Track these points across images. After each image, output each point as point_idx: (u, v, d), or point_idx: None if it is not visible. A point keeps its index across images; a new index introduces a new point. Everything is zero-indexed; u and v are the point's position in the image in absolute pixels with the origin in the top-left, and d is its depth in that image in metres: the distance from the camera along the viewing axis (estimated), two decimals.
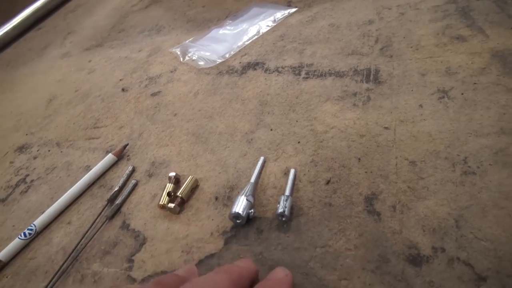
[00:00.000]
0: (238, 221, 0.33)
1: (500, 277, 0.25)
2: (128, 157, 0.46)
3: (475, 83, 0.37)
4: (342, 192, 0.33)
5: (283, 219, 0.32)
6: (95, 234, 0.38)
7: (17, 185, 0.50)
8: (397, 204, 0.31)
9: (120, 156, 0.46)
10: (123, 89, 0.60)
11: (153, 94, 0.56)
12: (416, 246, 0.28)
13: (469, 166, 0.31)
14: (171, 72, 0.59)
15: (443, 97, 0.37)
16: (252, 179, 0.36)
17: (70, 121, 0.58)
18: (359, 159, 0.35)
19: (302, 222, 0.32)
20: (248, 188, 0.34)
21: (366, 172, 0.34)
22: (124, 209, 0.40)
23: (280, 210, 0.32)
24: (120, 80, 0.63)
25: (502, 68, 0.38)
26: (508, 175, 0.29)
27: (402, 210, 0.30)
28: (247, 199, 0.33)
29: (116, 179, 0.44)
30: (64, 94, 0.67)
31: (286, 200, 0.32)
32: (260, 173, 0.37)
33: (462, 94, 0.37)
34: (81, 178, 0.44)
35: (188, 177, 0.38)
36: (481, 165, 0.31)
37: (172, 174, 0.39)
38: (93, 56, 0.76)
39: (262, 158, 0.38)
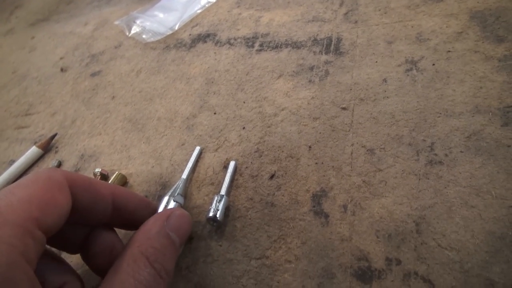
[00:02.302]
0: None
1: None
2: (57, 148, 0.40)
3: (449, 51, 0.31)
4: (287, 188, 0.28)
5: (215, 224, 0.27)
6: None
7: None
8: (348, 203, 0.25)
9: (47, 148, 0.40)
10: (62, 69, 0.53)
11: (93, 74, 0.49)
12: (367, 257, 0.23)
13: (435, 154, 0.25)
14: (115, 48, 0.52)
15: (411, 69, 0.31)
16: (184, 175, 0.30)
17: (2, 107, 0.51)
18: (310, 147, 0.29)
19: (238, 227, 0.27)
20: (177, 186, 0.29)
21: (316, 163, 0.28)
22: None
23: (211, 213, 0.26)
24: (61, 58, 0.56)
25: (481, 32, 0.31)
26: (481, 164, 0.24)
27: (354, 210, 0.25)
28: (174, 200, 0.27)
29: None
30: (0, 76, 0.59)
31: (220, 201, 0.27)
32: (195, 166, 0.32)
33: (433, 64, 0.31)
34: (0, 175, 0.38)
35: (115, 173, 0.33)
36: (450, 152, 0.25)
37: (98, 170, 0.33)
38: (36, 32, 0.68)
39: (197, 149, 0.32)
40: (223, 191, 0.28)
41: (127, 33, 0.53)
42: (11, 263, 0.15)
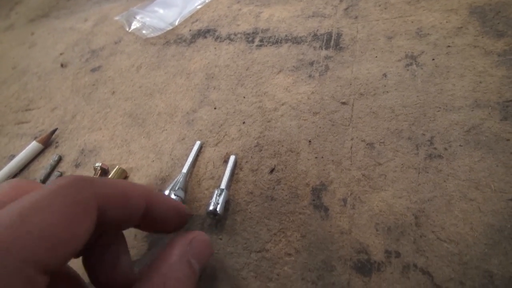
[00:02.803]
0: None
1: None
2: (57, 143, 0.40)
3: (449, 46, 0.31)
4: (287, 182, 0.28)
5: (216, 217, 0.27)
6: None
7: None
8: (348, 196, 0.25)
9: (48, 143, 0.40)
10: (62, 65, 0.53)
11: (93, 70, 0.49)
12: (367, 250, 0.23)
13: (435, 148, 0.26)
14: (115, 43, 0.52)
15: (411, 64, 0.31)
16: (185, 169, 0.30)
17: (2, 103, 0.51)
18: (310, 141, 0.29)
19: (238, 221, 0.27)
20: (178, 180, 0.29)
21: (316, 157, 0.28)
22: None
23: (211, 207, 0.26)
24: (61, 54, 0.56)
25: (480, 27, 0.31)
26: (480, 158, 0.24)
27: (353, 204, 0.25)
28: (175, 194, 0.28)
29: (41, 170, 0.38)
30: (0, 72, 0.59)
31: (220, 195, 0.27)
32: (195, 161, 0.32)
33: (433, 59, 0.31)
34: (0, 169, 0.38)
35: (115, 167, 0.33)
36: (449, 146, 0.25)
37: (98, 164, 0.33)
38: (36, 28, 0.68)
39: (198, 143, 0.32)
40: (223, 185, 0.28)
41: (127, 29, 0.53)
42: None
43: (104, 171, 0.34)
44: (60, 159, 0.38)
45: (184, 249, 0.20)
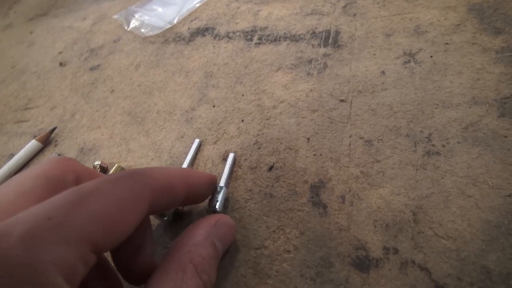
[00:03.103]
0: (164, 218, 0.28)
1: (462, 286, 0.20)
2: (56, 142, 0.40)
3: (447, 43, 0.31)
4: (285, 180, 0.28)
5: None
6: None
7: None
8: (346, 193, 0.25)
9: (47, 141, 0.40)
10: (60, 64, 0.53)
11: (92, 68, 0.49)
12: (365, 247, 0.23)
13: (433, 145, 0.26)
14: (114, 42, 0.52)
15: (409, 61, 0.31)
16: (184, 166, 0.30)
17: (1, 102, 0.51)
18: (308, 139, 0.30)
19: (237, 218, 0.27)
20: None
21: (315, 154, 0.28)
22: None
23: (211, 204, 0.26)
24: (60, 53, 0.56)
25: (478, 24, 0.31)
26: (478, 155, 0.24)
27: (352, 201, 0.25)
28: None
29: None
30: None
31: (219, 193, 0.27)
32: (194, 159, 0.32)
33: (431, 57, 0.31)
34: (0, 168, 0.38)
35: (114, 166, 0.33)
36: (447, 143, 0.25)
37: (97, 163, 0.34)
38: (35, 27, 0.68)
39: (197, 141, 0.32)
40: (222, 183, 0.28)
41: (126, 27, 0.53)
42: None
43: (104, 170, 0.34)
44: None
45: (209, 231, 0.21)
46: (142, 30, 0.50)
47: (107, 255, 0.21)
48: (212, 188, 0.25)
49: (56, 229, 0.14)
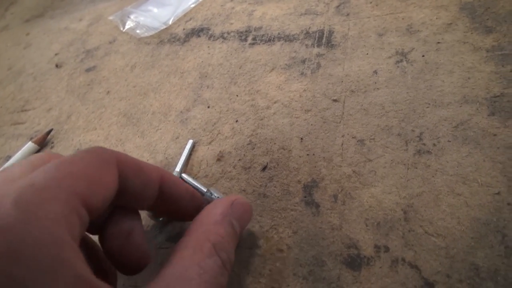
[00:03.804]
0: (160, 218, 0.28)
1: (451, 283, 0.20)
2: (52, 144, 0.41)
3: (438, 43, 0.32)
4: (279, 180, 0.28)
5: None
6: None
7: None
8: (339, 193, 0.26)
9: (43, 143, 0.40)
10: (56, 65, 0.53)
11: (88, 70, 0.49)
12: (357, 245, 0.23)
13: (424, 144, 0.26)
14: (110, 43, 0.52)
15: (401, 60, 0.32)
16: (178, 168, 0.31)
17: None
18: (302, 139, 0.30)
19: None
20: None
21: (308, 154, 0.29)
22: None
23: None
24: (56, 54, 0.56)
25: (470, 23, 0.32)
26: (468, 153, 0.24)
27: (344, 200, 0.25)
28: None
29: None
30: None
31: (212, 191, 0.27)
32: (188, 159, 0.32)
33: (423, 56, 0.31)
34: None
35: None
36: (438, 142, 0.26)
37: None
38: (32, 28, 0.68)
39: (190, 142, 0.33)
40: (178, 168, 0.29)
41: (122, 28, 0.54)
42: (58, 241, 0.13)
43: None
44: None
45: (226, 210, 0.21)
46: (138, 31, 0.50)
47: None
48: (196, 203, 0.24)
49: (43, 191, 0.14)
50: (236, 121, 0.33)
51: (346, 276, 0.22)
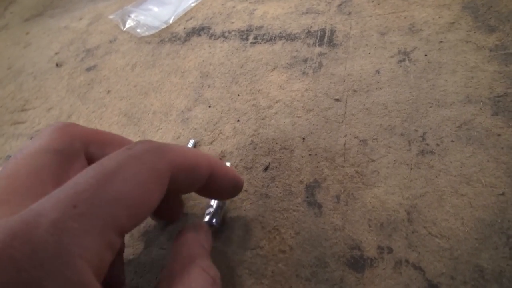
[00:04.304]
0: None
1: (455, 284, 0.20)
2: None
3: (441, 42, 0.31)
4: (281, 180, 0.28)
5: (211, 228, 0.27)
6: None
7: None
8: (341, 193, 0.26)
9: None
10: (57, 64, 0.53)
11: (88, 69, 0.49)
12: (360, 246, 0.23)
13: (427, 144, 0.26)
14: (110, 42, 0.52)
15: (404, 60, 0.31)
16: None
17: None
18: (304, 138, 0.30)
19: (233, 219, 0.27)
20: None
21: (310, 154, 0.28)
22: None
23: (208, 218, 0.26)
24: (56, 53, 0.56)
25: (472, 22, 0.32)
26: (471, 153, 0.24)
27: (347, 200, 0.25)
28: None
29: None
30: None
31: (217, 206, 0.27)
32: None
33: (426, 55, 0.31)
34: None
35: None
36: (441, 142, 0.25)
37: None
38: (31, 27, 0.68)
39: (192, 142, 0.32)
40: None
41: (122, 27, 0.53)
42: (82, 285, 0.13)
43: None
44: None
45: (195, 236, 0.21)
46: (138, 30, 0.50)
47: None
48: (237, 189, 0.24)
49: (83, 218, 0.14)
50: (238, 120, 0.33)
51: (349, 278, 0.22)
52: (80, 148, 0.20)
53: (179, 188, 0.19)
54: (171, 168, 0.17)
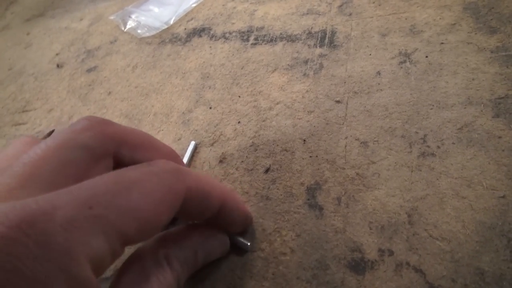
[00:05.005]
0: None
1: (456, 287, 0.20)
2: None
3: (442, 43, 0.31)
4: (282, 182, 0.28)
5: None
6: None
7: None
8: (342, 195, 0.26)
9: None
10: (58, 65, 0.53)
11: (89, 70, 0.49)
12: (360, 249, 0.23)
13: (428, 146, 0.26)
14: (111, 43, 0.52)
15: (405, 61, 0.31)
16: None
17: None
18: (304, 140, 0.30)
19: None
20: None
21: (311, 156, 0.29)
22: None
23: None
24: (57, 54, 0.56)
25: (474, 23, 0.31)
26: (472, 156, 0.24)
27: (347, 203, 0.25)
28: None
29: None
30: None
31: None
32: (190, 161, 0.32)
33: (427, 57, 0.31)
34: None
35: None
36: (442, 144, 0.25)
37: None
38: (32, 28, 0.68)
39: (192, 143, 0.32)
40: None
41: (123, 28, 0.53)
42: (87, 282, 0.13)
43: None
44: None
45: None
46: (139, 31, 0.50)
47: None
48: (247, 223, 0.25)
49: (96, 220, 0.14)
50: (239, 122, 0.33)
51: (350, 280, 0.22)
52: (111, 149, 0.20)
53: (189, 214, 0.19)
54: (186, 192, 0.17)
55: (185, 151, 0.32)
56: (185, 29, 0.48)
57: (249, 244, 0.25)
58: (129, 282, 0.17)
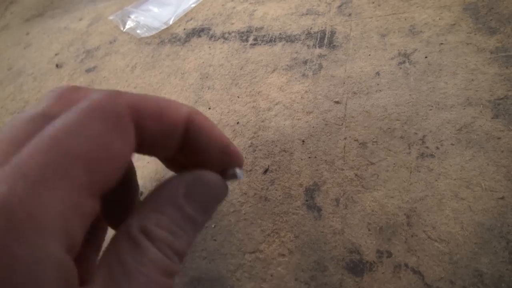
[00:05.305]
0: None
1: None
2: None
3: (441, 44, 0.31)
4: (280, 183, 0.28)
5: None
6: None
7: None
8: (341, 196, 0.26)
9: None
10: (57, 65, 0.52)
11: (88, 70, 0.49)
12: (359, 250, 0.23)
13: (427, 147, 0.26)
14: (110, 43, 0.52)
15: (404, 62, 0.31)
16: None
17: None
18: (303, 141, 0.30)
19: (232, 222, 0.27)
20: None
21: (309, 157, 0.28)
22: None
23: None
24: (56, 54, 0.56)
25: (473, 24, 0.31)
26: (471, 157, 0.24)
27: (346, 204, 0.25)
28: None
29: None
30: None
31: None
32: None
33: (426, 57, 0.31)
34: None
35: None
36: (441, 145, 0.25)
37: None
38: (31, 28, 0.68)
39: None
40: None
41: (122, 28, 0.53)
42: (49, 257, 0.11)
43: None
44: None
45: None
46: (138, 31, 0.50)
47: None
48: (228, 156, 0.18)
49: (38, 187, 0.12)
50: (237, 122, 0.33)
51: (348, 282, 0.22)
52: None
53: (152, 142, 0.16)
54: (131, 112, 0.15)
55: None
56: (184, 29, 0.48)
57: (237, 171, 0.19)
58: (106, 276, 0.15)
